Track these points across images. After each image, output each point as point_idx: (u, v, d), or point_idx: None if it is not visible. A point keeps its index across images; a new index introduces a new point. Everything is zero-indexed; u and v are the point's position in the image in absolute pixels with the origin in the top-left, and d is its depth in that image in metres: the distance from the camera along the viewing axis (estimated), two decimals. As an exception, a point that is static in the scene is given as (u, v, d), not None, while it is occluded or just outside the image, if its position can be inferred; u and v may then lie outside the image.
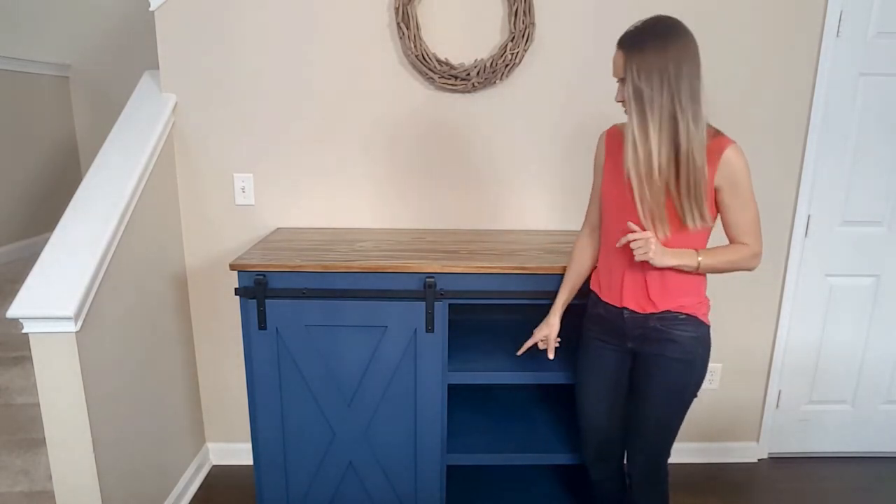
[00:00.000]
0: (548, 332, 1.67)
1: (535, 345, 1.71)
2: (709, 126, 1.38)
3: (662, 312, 1.46)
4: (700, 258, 1.41)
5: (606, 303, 1.55)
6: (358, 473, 1.84)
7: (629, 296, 1.49)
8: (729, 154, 1.36)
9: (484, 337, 2.02)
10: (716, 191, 1.38)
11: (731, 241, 1.45)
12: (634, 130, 1.34)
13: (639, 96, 1.33)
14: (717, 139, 1.38)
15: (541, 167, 2.17)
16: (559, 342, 1.69)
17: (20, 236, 2.92)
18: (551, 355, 1.68)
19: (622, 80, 1.37)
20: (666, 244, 1.41)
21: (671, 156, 1.33)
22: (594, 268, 1.63)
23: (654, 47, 1.32)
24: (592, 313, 1.61)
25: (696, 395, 1.54)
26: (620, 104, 1.41)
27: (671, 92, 1.31)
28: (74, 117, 3.31)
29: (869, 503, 2.25)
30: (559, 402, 2.12)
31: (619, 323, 1.52)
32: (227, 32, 2.04)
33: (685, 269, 1.42)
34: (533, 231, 2.18)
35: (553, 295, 1.69)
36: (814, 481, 2.36)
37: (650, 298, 1.47)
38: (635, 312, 1.49)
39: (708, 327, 1.51)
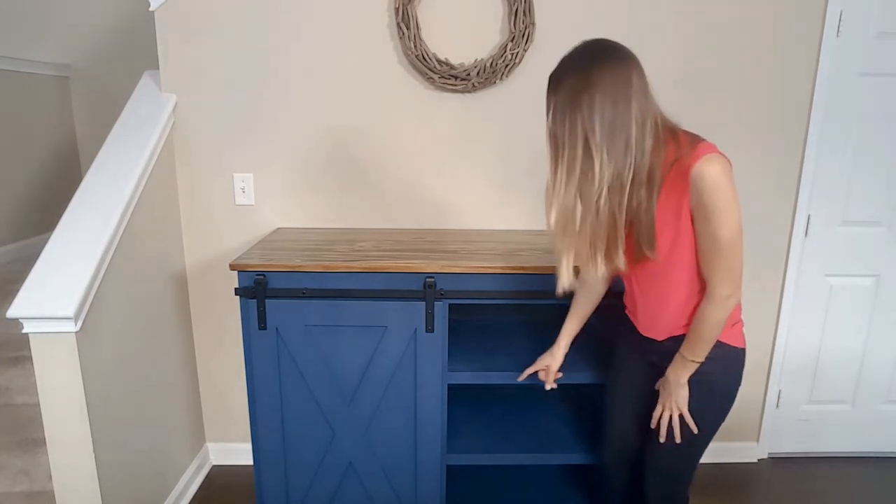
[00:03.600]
0: (549, 363, 1.64)
1: (537, 369, 1.68)
2: (683, 134, 1.27)
3: (680, 335, 1.38)
4: (689, 356, 1.34)
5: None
6: (358, 473, 1.84)
7: (644, 327, 1.46)
8: (696, 172, 1.18)
9: (484, 337, 2.02)
10: (692, 214, 1.23)
11: (703, 278, 1.30)
12: (549, 177, 1.24)
13: (552, 139, 1.21)
14: (687, 156, 1.21)
15: (541, 167, 2.16)
16: (560, 375, 1.67)
17: (20, 236, 2.92)
18: (548, 387, 1.66)
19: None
20: (641, 274, 1.37)
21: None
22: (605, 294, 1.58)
23: (568, 84, 1.17)
24: (624, 315, 1.55)
25: (719, 423, 1.45)
26: None
27: (584, 130, 1.16)
28: (74, 117, 3.31)
29: (869, 503, 2.25)
30: (560, 402, 2.12)
31: (640, 338, 1.49)
32: (227, 32, 2.04)
33: (696, 367, 1.35)
34: (533, 231, 2.18)
35: (552, 294, 1.69)
36: (814, 481, 2.36)
37: (666, 331, 1.41)
38: (654, 339, 1.45)
39: (735, 349, 1.41)
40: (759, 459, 2.49)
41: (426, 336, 1.70)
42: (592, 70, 1.16)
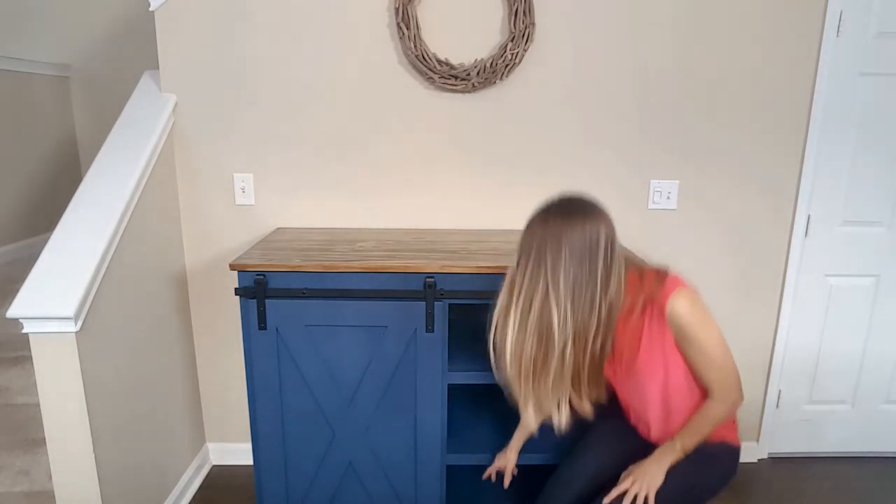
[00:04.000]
0: (504, 464, 1.71)
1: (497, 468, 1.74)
2: (648, 271, 1.34)
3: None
4: (679, 444, 1.36)
5: None
6: (358, 473, 1.84)
7: (643, 431, 1.50)
8: (670, 310, 1.27)
9: (484, 337, 2.02)
10: (677, 344, 1.32)
11: (699, 385, 1.37)
12: (498, 318, 1.29)
13: (510, 284, 1.27)
14: (659, 294, 1.28)
15: (541, 167, 2.17)
16: (516, 472, 1.72)
17: (20, 236, 2.92)
18: (506, 484, 1.71)
19: None
20: (624, 385, 1.41)
21: (544, 345, 1.25)
22: None
23: (537, 237, 1.23)
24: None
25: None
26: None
27: (546, 283, 1.21)
28: (74, 117, 3.31)
29: (869, 503, 2.25)
30: (559, 402, 2.11)
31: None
32: (227, 32, 2.04)
33: (680, 456, 1.37)
34: (533, 231, 2.18)
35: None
36: (814, 481, 2.36)
37: (656, 437, 1.45)
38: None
39: (725, 445, 1.43)
40: (759, 459, 2.49)
41: (426, 336, 1.70)
42: (562, 228, 1.21)
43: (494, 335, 1.33)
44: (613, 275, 1.25)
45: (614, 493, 1.36)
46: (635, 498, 1.34)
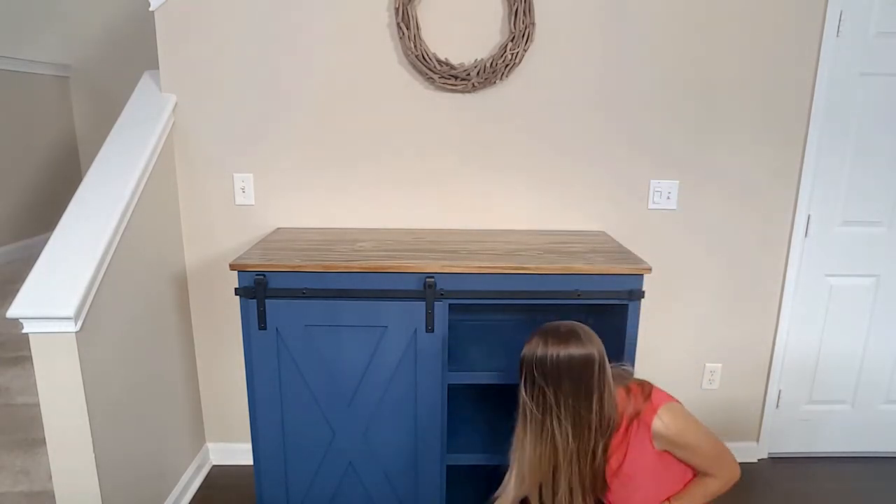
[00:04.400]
0: None
1: None
2: (634, 385, 1.41)
3: None
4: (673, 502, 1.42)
5: None
6: (358, 473, 1.84)
7: None
8: (657, 428, 1.35)
9: (484, 337, 2.02)
10: (668, 452, 1.39)
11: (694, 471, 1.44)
12: (515, 441, 1.41)
13: (523, 407, 1.37)
14: (645, 411, 1.36)
15: (540, 167, 2.17)
16: None
17: (20, 236, 2.92)
18: None
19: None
20: (615, 495, 1.44)
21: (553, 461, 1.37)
22: None
23: (540, 369, 1.33)
24: None
25: None
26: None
27: (552, 407, 1.33)
28: (74, 117, 3.31)
29: (869, 503, 2.25)
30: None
31: None
32: (227, 32, 2.04)
33: None
34: (533, 231, 2.18)
35: (552, 294, 1.69)
36: (814, 481, 2.36)
37: None
38: None
39: None
40: (759, 459, 2.49)
41: (426, 336, 1.70)
42: (560, 355, 1.32)
43: (513, 454, 1.45)
44: (606, 392, 1.35)
45: None
46: None
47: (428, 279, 1.67)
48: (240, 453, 2.40)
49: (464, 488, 2.04)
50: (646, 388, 1.41)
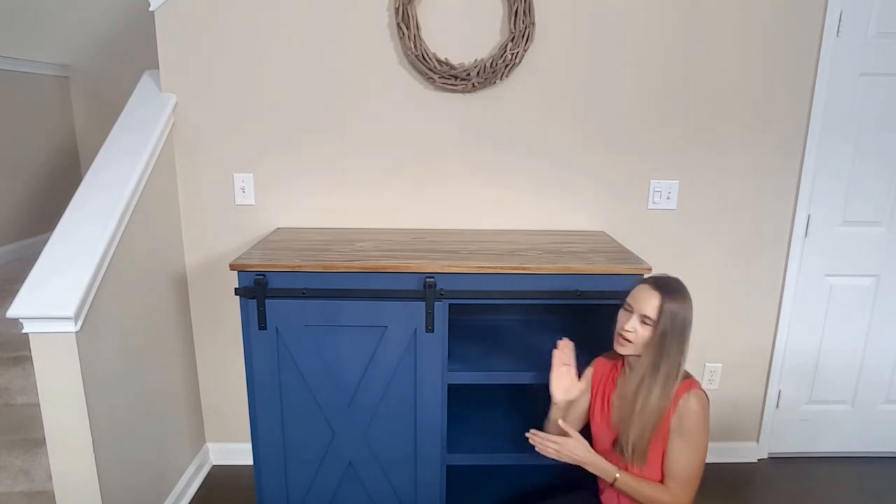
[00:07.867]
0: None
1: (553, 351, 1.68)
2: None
3: None
4: (618, 475, 1.46)
5: None
6: (358, 473, 1.84)
7: None
8: (685, 401, 1.41)
9: (484, 337, 2.02)
10: (669, 433, 1.43)
11: (662, 479, 1.46)
12: (645, 375, 1.43)
13: (662, 342, 1.40)
14: (683, 383, 1.44)
15: (540, 167, 2.17)
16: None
17: (20, 236, 2.92)
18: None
19: (646, 320, 1.42)
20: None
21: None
22: None
23: (682, 303, 1.42)
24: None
25: None
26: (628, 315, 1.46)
27: (682, 347, 1.41)
28: (74, 117, 3.31)
29: (869, 503, 2.25)
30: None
31: None
32: (227, 32, 2.04)
33: (601, 476, 1.49)
34: (533, 231, 2.18)
35: (552, 294, 1.69)
36: (814, 481, 2.36)
37: None
38: None
39: None
40: (759, 459, 2.49)
41: (426, 336, 1.70)
42: (690, 303, 1.44)
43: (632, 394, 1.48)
44: (686, 351, 1.44)
45: (543, 435, 1.51)
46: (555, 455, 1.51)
47: (428, 279, 1.67)
48: (240, 453, 2.40)
49: (464, 488, 2.04)
50: (687, 372, 1.48)
